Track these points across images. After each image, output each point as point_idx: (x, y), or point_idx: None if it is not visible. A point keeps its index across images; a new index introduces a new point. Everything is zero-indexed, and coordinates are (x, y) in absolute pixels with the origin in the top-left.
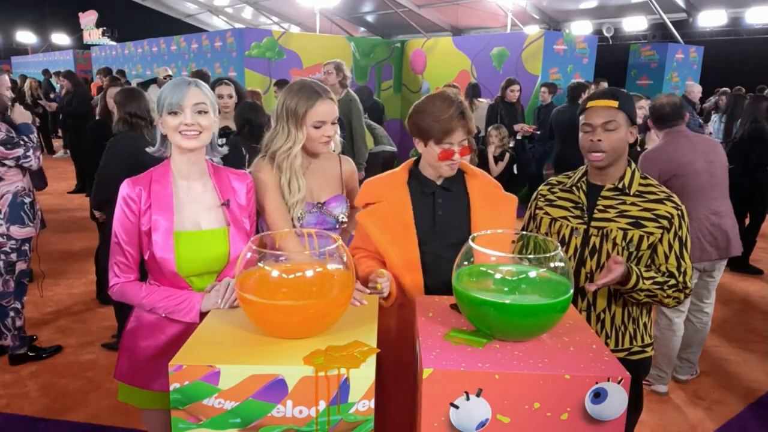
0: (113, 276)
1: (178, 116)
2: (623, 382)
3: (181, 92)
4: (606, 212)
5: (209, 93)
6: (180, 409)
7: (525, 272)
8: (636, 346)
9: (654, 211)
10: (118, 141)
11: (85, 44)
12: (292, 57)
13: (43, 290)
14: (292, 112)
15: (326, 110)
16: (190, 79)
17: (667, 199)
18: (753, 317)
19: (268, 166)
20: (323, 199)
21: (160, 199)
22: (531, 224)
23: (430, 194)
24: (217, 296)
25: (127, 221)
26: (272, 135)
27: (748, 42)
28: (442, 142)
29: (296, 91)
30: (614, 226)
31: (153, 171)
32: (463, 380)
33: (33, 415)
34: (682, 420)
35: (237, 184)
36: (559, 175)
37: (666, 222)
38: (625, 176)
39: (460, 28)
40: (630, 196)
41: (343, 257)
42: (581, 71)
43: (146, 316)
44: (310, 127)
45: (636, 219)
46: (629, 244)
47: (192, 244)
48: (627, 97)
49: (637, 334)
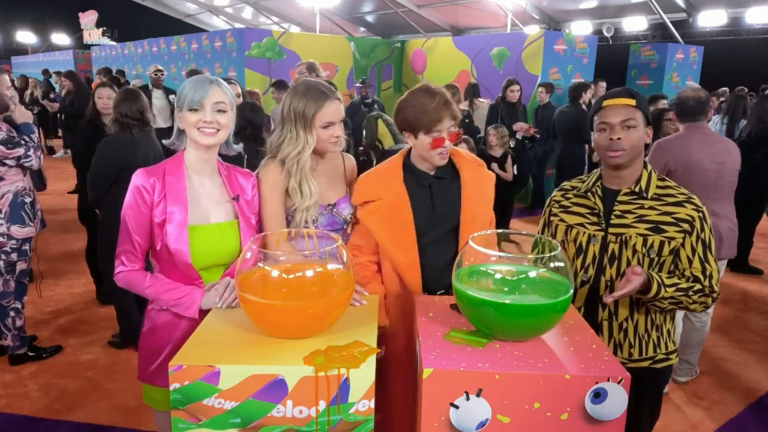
0: (119, 264)
1: (198, 113)
2: (623, 382)
3: (204, 90)
4: (624, 218)
5: (229, 92)
6: (180, 409)
7: (525, 272)
8: (660, 354)
9: (674, 214)
10: (108, 142)
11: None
12: (292, 57)
13: (43, 290)
14: (300, 115)
15: (334, 110)
16: (212, 78)
17: (687, 201)
18: (753, 317)
19: (278, 169)
20: (332, 200)
21: (174, 191)
22: (546, 232)
23: (427, 186)
24: (216, 295)
25: (139, 210)
26: (279, 139)
27: (748, 42)
28: (431, 131)
29: (303, 93)
30: (633, 232)
31: (166, 163)
32: (463, 380)
33: (33, 415)
34: (682, 420)
35: (243, 181)
36: (572, 180)
37: (687, 225)
38: (642, 179)
39: (460, 28)
40: (648, 200)
41: (343, 257)
42: (581, 71)
43: (159, 316)
44: (319, 128)
45: (656, 224)
46: (650, 250)
47: (205, 237)
48: (642, 98)
49: (660, 341)
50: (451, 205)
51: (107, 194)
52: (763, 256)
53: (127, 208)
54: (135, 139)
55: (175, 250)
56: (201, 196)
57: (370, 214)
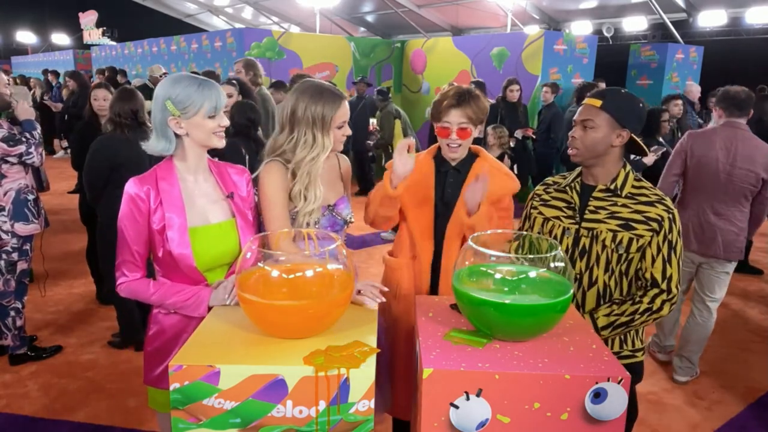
0: (121, 275)
1: (216, 119)
2: (623, 382)
3: (218, 95)
4: (597, 213)
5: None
6: (180, 409)
7: (525, 272)
8: (626, 350)
9: (644, 213)
10: (100, 141)
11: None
12: (292, 57)
13: (44, 290)
14: (319, 118)
15: (347, 110)
16: (212, 80)
17: (658, 201)
18: (753, 317)
19: (282, 171)
20: (332, 201)
21: (169, 196)
22: (526, 224)
23: (444, 173)
24: (224, 292)
25: (135, 220)
26: (289, 143)
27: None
28: (440, 120)
29: (317, 96)
30: (604, 228)
31: (157, 169)
32: (463, 380)
33: (33, 415)
34: (682, 420)
35: (236, 177)
36: (556, 176)
37: (656, 225)
38: (618, 177)
39: (460, 28)
40: (622, 198)
41: (343, 257)
42: (581, 71)
43: (165, 319)
44: (336, 129)
45: (626, 221)
46: (619, 246)
47: (205, 238)
48: (619, 101)
49: (627, 338)
50: (454, 199)
51: (103, 193)
52: (763, 256)
53: (123, 218)
54: (128, 138)
55: (179, 255)
56: (197, 196)
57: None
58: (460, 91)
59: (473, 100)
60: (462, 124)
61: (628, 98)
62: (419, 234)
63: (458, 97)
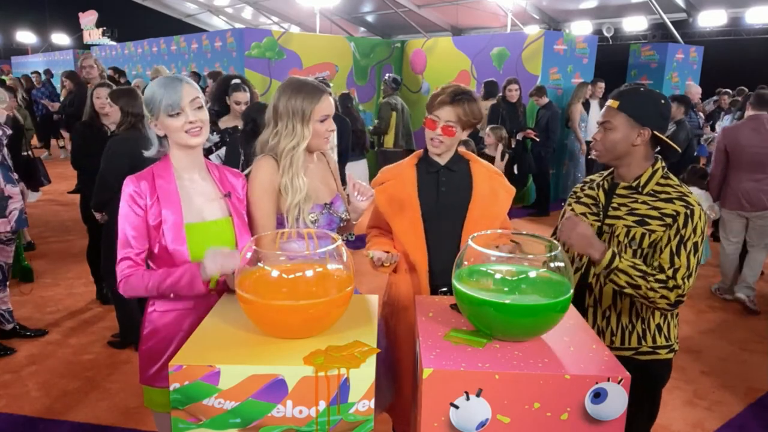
0: (120, 272)
1: (180, 117)
2: (623, 382)
3: (177, 92)
4: (618, 210)
5: (196, 85)
6: (180, 409)
7: (525, 272)
8: (645, 347)
9: (661, 209)
10: (117, 141)
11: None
12: (292, 57)
13: (43, 290)
14: (299, 110)
15: (329, 105)
16: (179, 76)
17: (679, 198)
18: (753, 317)
19: (271, 165)
20: (327, 200)
21: (166, 193)
22: (560, 220)
23: (435, 172)
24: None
25: (135, 217)
26: (272, 135)
27: (748, 42)
28: (431, 113)
29: (297, 90)
30: (621, 224)
31: (154, 167)
32: (463, 380)
33: (33, 415)
34: (682, 420)
35: (233, 179)
36: (595, 174)
37: (670, 220)
38: (643, 176)
39: (460, 28)
40: (642, 195)
41: (342, 257)
42: (581, 71)
43: (159, 319)
44: (317, 122)
45: (642, 217)
46: (632, 241)
47: (200, 235)
48: (636, 99)
49: (647, 334)
50: (458, 198)
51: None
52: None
53: (123, 216)
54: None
55: (174, 251)
56: (194, 194)
57: (381, 192)
58: (458, 90)
59: (467, 102)
60: (449, 123)
61: (646, 96)
62: (410, 246)
63: (453, 95)
